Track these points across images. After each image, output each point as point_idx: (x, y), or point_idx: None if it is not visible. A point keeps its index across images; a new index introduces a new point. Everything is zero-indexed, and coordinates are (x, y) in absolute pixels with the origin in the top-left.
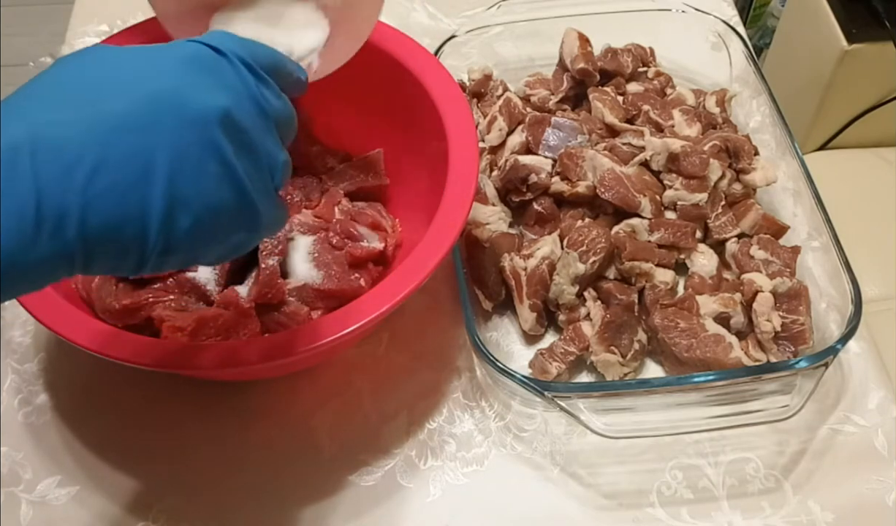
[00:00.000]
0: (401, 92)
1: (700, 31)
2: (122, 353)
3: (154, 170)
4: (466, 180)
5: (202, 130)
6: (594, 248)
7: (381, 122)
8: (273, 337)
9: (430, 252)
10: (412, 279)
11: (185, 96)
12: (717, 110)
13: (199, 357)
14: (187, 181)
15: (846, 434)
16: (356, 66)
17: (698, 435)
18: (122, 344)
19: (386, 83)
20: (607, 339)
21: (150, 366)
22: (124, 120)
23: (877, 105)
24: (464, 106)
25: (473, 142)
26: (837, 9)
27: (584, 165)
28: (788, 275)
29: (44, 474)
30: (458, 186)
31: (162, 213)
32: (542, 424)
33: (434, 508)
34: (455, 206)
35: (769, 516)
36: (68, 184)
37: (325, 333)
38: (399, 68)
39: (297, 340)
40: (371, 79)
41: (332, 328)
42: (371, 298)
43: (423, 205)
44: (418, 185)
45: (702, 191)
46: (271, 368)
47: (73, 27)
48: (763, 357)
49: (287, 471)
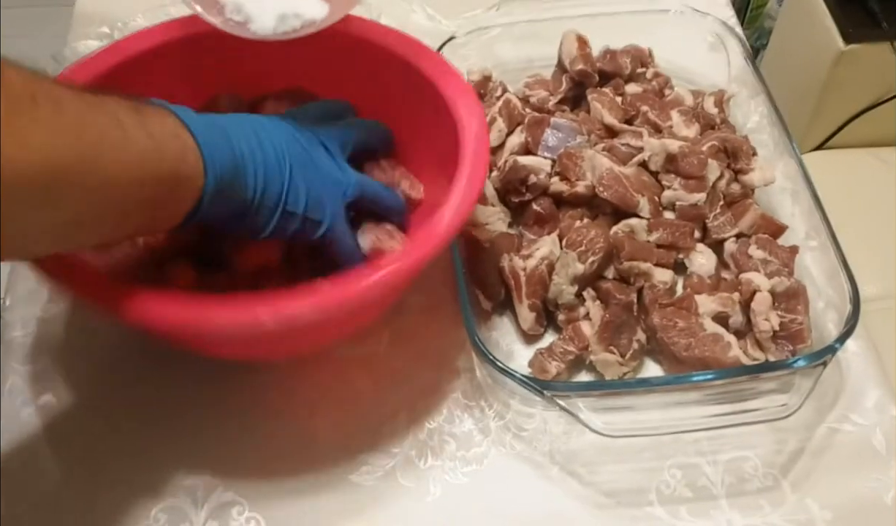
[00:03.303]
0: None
1: (698, 32)
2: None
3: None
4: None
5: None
6: (593, 248)
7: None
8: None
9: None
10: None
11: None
12: (715, 111)
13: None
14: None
15: (844, 433)
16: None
17: (697, 434)
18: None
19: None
20: (606, 338)
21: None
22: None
23: (874, 105)
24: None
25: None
26: (834, 9)
27: (583, 166)
28: (787, 274)
29: (45, 475)
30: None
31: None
32: (542, 423)
33: (434, 508)
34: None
35: (768, 515)
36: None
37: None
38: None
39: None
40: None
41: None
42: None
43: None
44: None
45: (700, 191)
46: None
47: (74, 29)
48: (761, 356)
49: (287, 470)
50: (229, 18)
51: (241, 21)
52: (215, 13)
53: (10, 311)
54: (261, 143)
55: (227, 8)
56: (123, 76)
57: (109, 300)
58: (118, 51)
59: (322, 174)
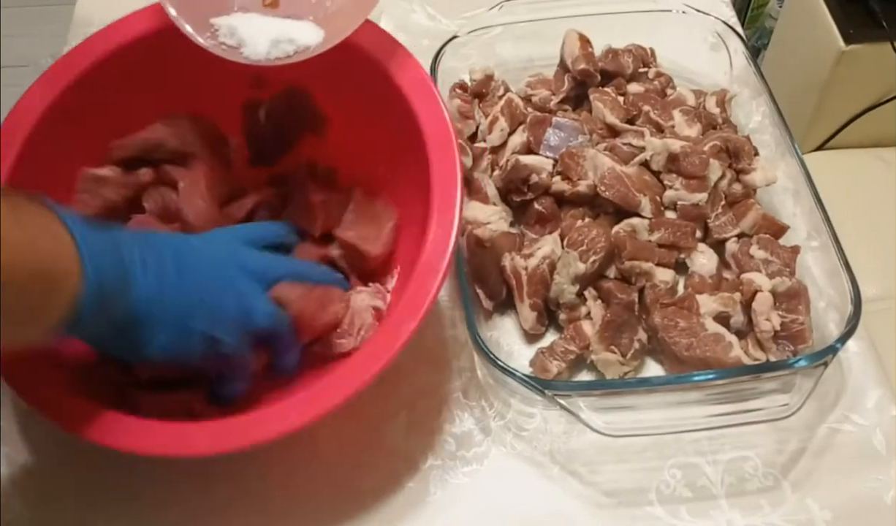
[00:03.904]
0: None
1: (699, 32)
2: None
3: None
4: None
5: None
6: (594, 247)
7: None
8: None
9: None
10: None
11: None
12: (717, 111)
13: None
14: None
15: (845, 433)
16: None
17: (697, 434)
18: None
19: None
20: (607, 338)
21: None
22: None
23: (874, 105)
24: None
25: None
26: (835, 9)
27: (584, 165)
28: (788, 274)
29: (45, 475)
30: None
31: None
32: (542, 422)
33: (434, 508)
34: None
35: (768, 515)
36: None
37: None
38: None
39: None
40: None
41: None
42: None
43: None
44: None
45: (702, 191)
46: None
47: (73, 28)
48: (762, 356)
49: (286, 470)
50: (222, 42)
51: (234, 45)
52: (208, 36)
53: None
54: (159, 257)
55: (220, 31)
56: (101, 76)
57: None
58: (90, 51)
59: (235, 294)
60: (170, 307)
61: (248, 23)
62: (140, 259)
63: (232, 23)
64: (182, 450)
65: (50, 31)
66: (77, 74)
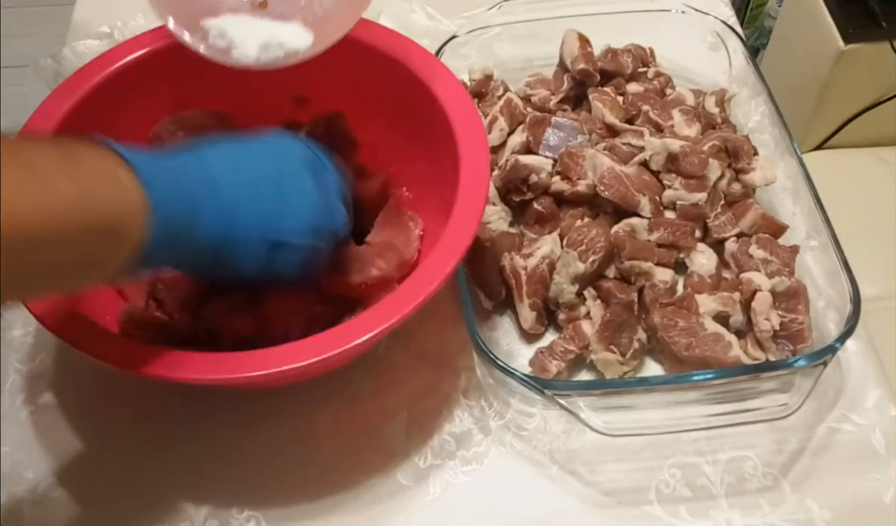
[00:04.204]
0: (411, 101)
1: (699, 32)
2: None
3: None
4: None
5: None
6: (594, 247)
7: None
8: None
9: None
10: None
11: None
12: (716, 110)
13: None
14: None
15: (844, 432)
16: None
17: (697, 433)
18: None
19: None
20: (607, 337)
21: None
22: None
23: (874, 105)
24: (476, 120)
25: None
26: (834, 9)
27: (584, 165)
28: (787, 274)
29: (46, 475)
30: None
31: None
32: (542, 422)
33: (434, 507)
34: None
35: (767, 514)
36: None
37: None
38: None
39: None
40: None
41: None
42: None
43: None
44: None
45: (701, 190)
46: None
47: (73, 28)
48: (762, 356)
49: (287, 470)
50: (212, 44)
51: (224, 47)
52: (199, 38)
53: (10, 310)
54: (235, 170)
55: (210, 33)
56: (109, 89)
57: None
58: (104, 63)
59: (323, 198)
60: (248, 223)
61: (238, 25)
62: (208, 178)
63: (222, 25)
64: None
65: (50, 31)
66: (99, 80)
